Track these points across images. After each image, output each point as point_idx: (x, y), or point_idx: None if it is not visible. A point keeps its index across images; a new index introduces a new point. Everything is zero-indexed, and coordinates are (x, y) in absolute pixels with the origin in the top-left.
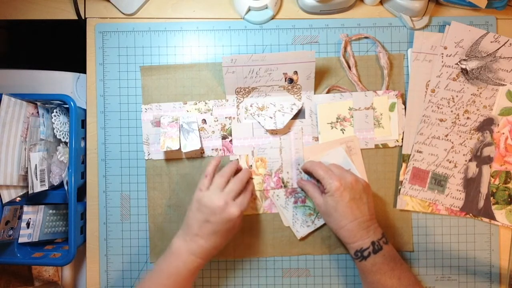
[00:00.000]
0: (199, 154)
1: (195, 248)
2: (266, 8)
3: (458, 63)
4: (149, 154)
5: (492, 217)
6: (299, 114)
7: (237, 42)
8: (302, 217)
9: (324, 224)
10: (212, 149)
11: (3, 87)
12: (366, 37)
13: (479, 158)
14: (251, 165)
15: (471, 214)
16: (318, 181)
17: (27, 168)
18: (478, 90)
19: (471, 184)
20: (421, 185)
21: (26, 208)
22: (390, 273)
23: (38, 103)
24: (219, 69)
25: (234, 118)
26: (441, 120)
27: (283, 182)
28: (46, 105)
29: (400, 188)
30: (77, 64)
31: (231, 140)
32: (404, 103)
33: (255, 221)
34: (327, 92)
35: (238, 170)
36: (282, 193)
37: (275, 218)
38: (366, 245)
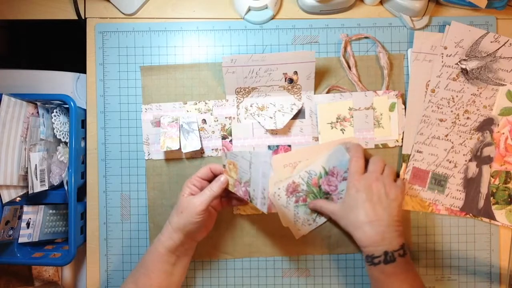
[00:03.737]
0: (199, 154)
1: (166, 227)
2: (266, 8)
3: (458, 63)
4: (149, 154)
5: (492, 217)
6: (299, 114)
7: (237, 42)
8: (303, 216)
9: (326, 222)
10: (212, 149)
11: (3, 87)
12: (366, 37)
13: (479, 158)
14: (224, 165)
15: (471, 214)
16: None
17: (27, 168)
18: (478, 90)
19: (471, 184)
20: (421, 185)
21: (26, 208)
22: (398, 285)
23: (38, 103)
24: (219, 69)
25: (234, 118)
26: (441, 120)
27: (249, 196)
28: (46, 105)
29: None
30: (77, 64)
31: (231, 140)
32: (404, 103)
33: (255, 221)
34: (327, 92)
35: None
36: (283, 193)
37: (275, 218)
38: (377, 253)
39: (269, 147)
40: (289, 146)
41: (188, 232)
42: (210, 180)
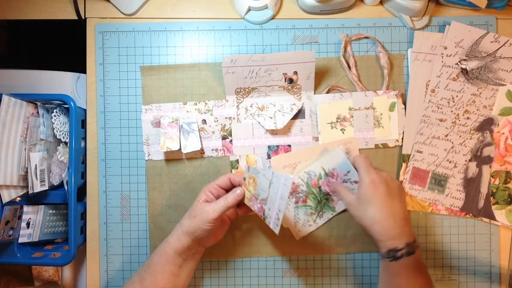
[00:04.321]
0: (199, 155)
1: (176, 229)
2: (266, 8)
3: (458, 63)
4: (149, 155)
5: (492, 217)
6: (299, 114)
7: (237, 42)
8: (303, 217)
9: (325, 223)
10: (212, 150)
11: (3, 87)
12: (366, 37)
13: (479, 158)
14: (244, 178)
15: (471, 214)
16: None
17: (27, 168)
18: (478, 90)
19: (471, 184)
20: (421, 185)
21: (26, 208)
22: (413, 280)
23: (38, 103)
24: (219, 69)
25: (234, 118)
26: (441, 120)
27: (263, 214)
28: (46, 105)
29: None
30: (77, 64)
31: (231, 141)
32: (404, 103)
33: (255, 221)
34: (327, 92)
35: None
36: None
37: None
38: (400, 246)
39: (269, 147)
40: (289, 146)
41: (197, 237)
42: (227, 190)
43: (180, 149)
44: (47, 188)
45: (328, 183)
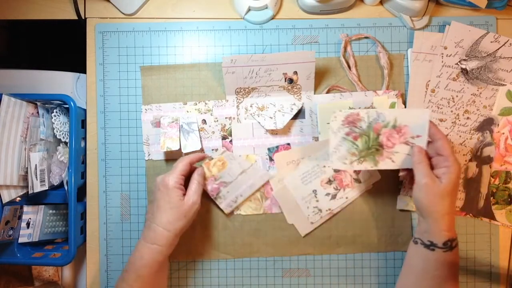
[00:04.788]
0: None
1: (147, 234)
2: (266, 8)
3: (458, 63)
4: (149, 155)
5: (492, 217)
6: (299, 114)
7: (237, 42)
8: (344, 152)
9: (361, 171)
10: (212, 150)
11: (3, 87)
12: (366, 37)
13: (479, 158)
14: (212, 158)
15: (471, 214)
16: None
17: (27, 168)
18: (478, 90)
19: (471, 184)
20: None
21: (26, 208)
22: (455, 272)
23: (38, 103)
24: (219, 69)
25: (234, 118)
26: (441, 120)
27: (216, 195)
28: (46, 105)
29: (400, 188)
30: (77, 64)
31: (231, 141)
32: (404, 103)
33: (255, 221)
34: (327, 92)
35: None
36: (339, 119)
37: (275, 218)
38: (455, 236)
39: (269, 149)
40: (288, 144)
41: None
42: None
43: (180, 149)
44: (47, 188)
45: (389, 136)
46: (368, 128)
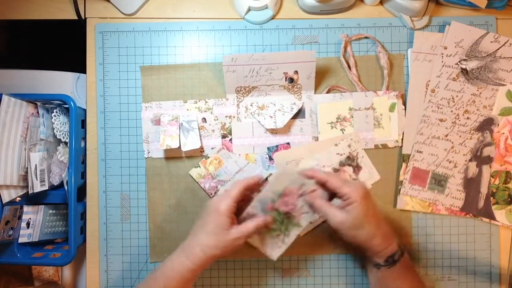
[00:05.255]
0: (198, 153)
1: (185, 247)
2: (266, 8)
3: (458, 63)
4: (148, 152)
5: (492, 217)
6: (299, 113)
7: (237, 42)
8: (271, 241)
9: (294, 240)
10: (212, 148)
11: (3, 87)
12: (366, 37)
13: (479, 158)
14: (208, 156)
15: (471, 214)
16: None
17: (27, 168)
18: (478, 90)
19: (471, 184)
20: (421, 185)
21: (26, 208)
22: (412, 276)
23: (38, 103)
24: (219, 69)
25: (234, 117)
26: (441, 120)
27: (214, 193)
28: (46, 105)
29: (400, 188)
30: (77, 64)
31: (231, 139)
32: (404, 103)
33: None
34: (327, 92)
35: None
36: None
37: None
38: (395, 249)
39: (268, 149)
40: (288, 143)
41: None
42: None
43: (179, 147)
44: (47, 188)
45: (285, 204)
46: (265, 213)
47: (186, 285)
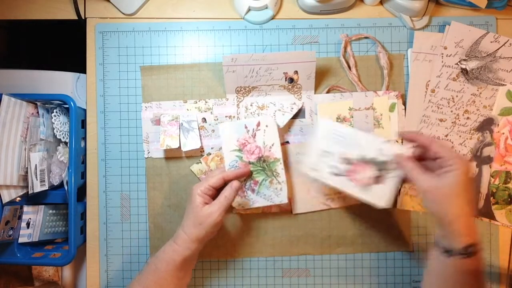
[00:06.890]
0: (198, 153)
1: (175, 233)
2: (266, 8)
3: (458, 63)
4: (148, 152)
5: (492, 217)
6: (299, 113)
7: (237, 42)
8: (269, 191)
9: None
10: (212, 148)
11: (3, 87)
12: (366, 37)
13: (479, 158)
14: (209, 153)
15: None
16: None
17: (27, 168)
18: (478, 90)
19: None
20: None
21: (26, 208)
22: (482, 277)
23: (38, 103)
24: (219, 69)
25: (234, 117)
26: (441, 120)
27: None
28: (46, 105)
29: (400, 188)
30: (77, 64)
31: None
32: (404, 103)
33: (255, 221)
34: (327, 92)
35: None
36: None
37: (275, 217)
38: (477, 240)
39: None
40: (287, 143)
41: (205, 240)
42: (219, 189)
43: (179, 147)
44: (47, 188)
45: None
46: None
47: (175, 267)
